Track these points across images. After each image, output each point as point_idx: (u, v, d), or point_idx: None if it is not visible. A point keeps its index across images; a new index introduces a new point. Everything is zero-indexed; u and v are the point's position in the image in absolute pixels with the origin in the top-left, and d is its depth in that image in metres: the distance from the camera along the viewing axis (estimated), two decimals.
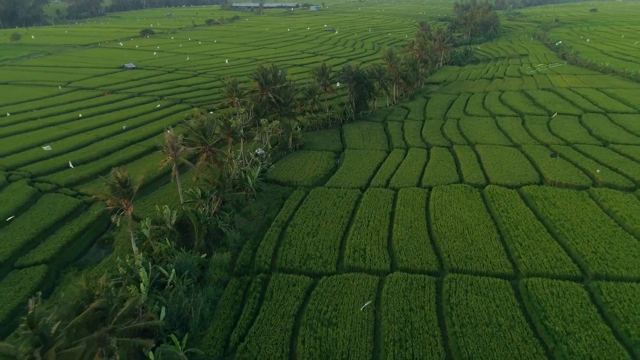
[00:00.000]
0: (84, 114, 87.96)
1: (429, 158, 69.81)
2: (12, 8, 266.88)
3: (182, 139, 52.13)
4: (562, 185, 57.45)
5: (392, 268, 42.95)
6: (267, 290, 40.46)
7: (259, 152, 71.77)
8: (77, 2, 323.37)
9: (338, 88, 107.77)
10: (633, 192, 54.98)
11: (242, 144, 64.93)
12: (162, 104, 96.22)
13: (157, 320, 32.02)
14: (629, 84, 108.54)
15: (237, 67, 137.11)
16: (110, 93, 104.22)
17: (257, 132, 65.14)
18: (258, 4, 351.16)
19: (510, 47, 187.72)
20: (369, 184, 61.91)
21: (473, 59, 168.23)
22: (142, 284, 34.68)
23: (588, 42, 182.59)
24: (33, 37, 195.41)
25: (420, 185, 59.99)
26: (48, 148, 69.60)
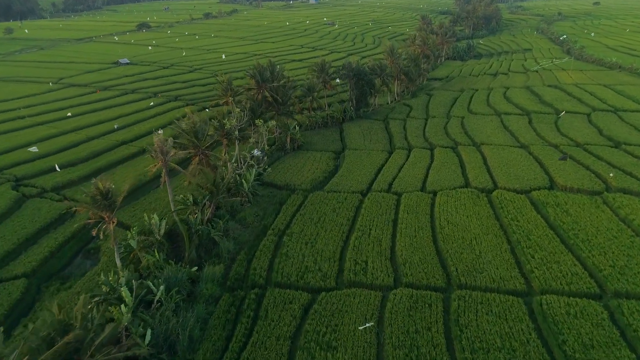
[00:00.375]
0: (75, 112, 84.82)
1: (433, 160, 66.85)
2: (6, 1, 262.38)
3: (172, 142, 49.12)
4: (573, 191, 54.55)
5: (395, 283, 40.16)
6: (261, 308, 37.68)
7: (256, 152, 68.81)
8: None
9: (338, 84, 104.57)
10: None
11: (237, 146, 61.93)
12: (155, 102, 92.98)
13: (140, 348, 29.22)
14: (637, 80, 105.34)
15: (234, 62, 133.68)
16: (103, 90, 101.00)
17: (252, 132, 62.13)
18: None
19: (514, 41, 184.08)
20: (370, 188, 59.02)
21: (476, 54, 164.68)
22: (123, 306, 31.83)
23: (593, 36, 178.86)
24: (27, 31, 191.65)
25: (425, 190, 57.08)
26: (35, 149, 66.59)
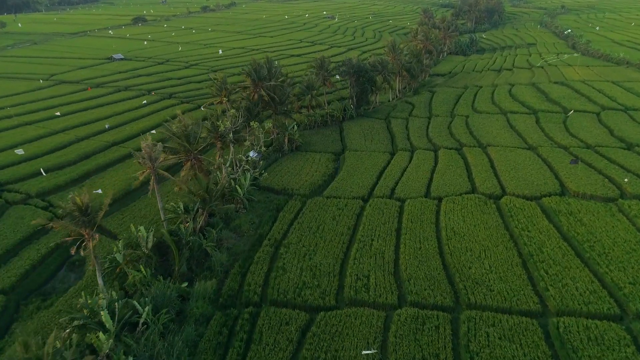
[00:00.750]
0: (65, 111, 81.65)
1: (437, 162, 63.91)
2: None
3: (161, 147, 46.17)
4: (586, 197, 51.73)
5: (400, 301, 37.39)
6: (255, 330, 34.88)
7: (252, 154, 65.86)
8: None
9: (337, 81, 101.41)
10: None
11: (232, 149, 58.98)
12: (149, 100, 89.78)
13: None
14: None
15: (231, 57, 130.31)
16: (95, 87, 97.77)
17: (248, 134, 59.15)
18: None
19: (517, 35, 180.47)
20: (372, 193, 56.19)
21: (478, 49, 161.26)
22: (102, 334, 29.05)
23: (598, 30, 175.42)
24: (20, 24, 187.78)
25: (429, 196, 54.23)
26: (20, 152, 63.61)
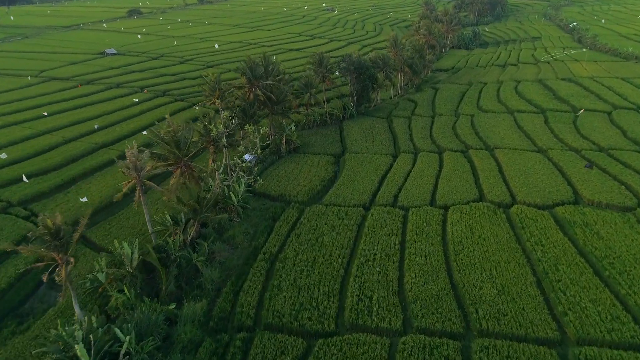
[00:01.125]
0: (52, 111, 78.20)
1: (442, 166, 60.71)
2: None
3: (148, 154, 42.98)
4: (602, 206, 48.68)
5: (405, 326, 34.43)
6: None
7: (248, 158, 62.68)
8: None
9: (337, 77, 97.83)
10: None
11: (226, 153, 55.78)
12: (141, 98, 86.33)
13: None
14: None
15: (228, 52, 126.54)
16: (85, 84, 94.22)
17: (242, 138, 55.89)
18: None
19: (521, 28, 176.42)
20: (374, 200, 53.13)
21: (481, 42, 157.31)
22: None
23: (603, 23, 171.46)
24: (12, 17, 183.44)
25: (434, 204, 51.13)
26: (4, 156, 60.34)
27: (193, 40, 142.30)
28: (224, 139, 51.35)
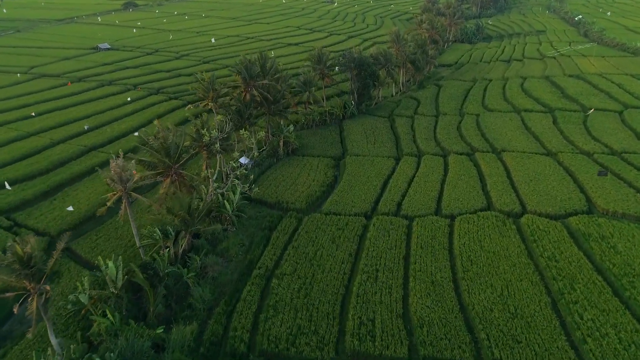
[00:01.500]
0: (41, 110, 75.09)
1: (447, 170, 57.94)
2: None
3: (135, 164, 40.23)
4: (617, 215, 46.00)
5: (410, 354, 31.86)
6: None
7: (243, 161, 59.92)
8: None
9: (337, 73, 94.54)
10: None
11: (221, 158, 52.97)
12: (134, 96, 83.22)
13: None
14: None
15: (224, 47, 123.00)
16: (76, 82, 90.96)
17: (237, 142, 52.99)
18: None
19: (525, 21, 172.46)
20: (376, 208, 50.46)
21: (485, 36, 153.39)
22: None
23: (609, 15, 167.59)
24: (5, 10, 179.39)
25: (440, 213, 48.44)
26: None
27: (189, 35, 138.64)
28: (218, 145, 48.46)
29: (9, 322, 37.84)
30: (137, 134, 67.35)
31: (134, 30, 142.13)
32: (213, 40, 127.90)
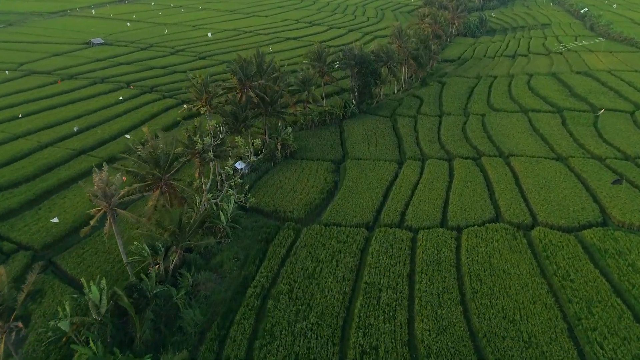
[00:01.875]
0: (28, 111, 72.28)
1: (452, 176, 55.29)
2: None
3: (121, 179, 37.58)
4: (634, 228, 43.47)
5: None
6: None
7: (239, 166, 57.17)
8: None
9: (336, 69, 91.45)
10: None
11: (214, 166, 50.25)
12: (126, 95, 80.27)
13: None
14: None
15: (221, 41, 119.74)
16: (67, 79, 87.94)
17: (232, 148, 50.23)
18: None
19: (529, 14, 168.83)
20: (378, 219, 47.88)
21: (488, 29, 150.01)
22: None
23: (615, 8, 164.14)
24: None
25: (446, 225, 45.88)
26: None
27: (185, 28, 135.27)
28: (211, 153, 45.75)
29: None
30: (128, 136, 64.77)
31: (128, 24, 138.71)
32: (210, 35, 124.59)
